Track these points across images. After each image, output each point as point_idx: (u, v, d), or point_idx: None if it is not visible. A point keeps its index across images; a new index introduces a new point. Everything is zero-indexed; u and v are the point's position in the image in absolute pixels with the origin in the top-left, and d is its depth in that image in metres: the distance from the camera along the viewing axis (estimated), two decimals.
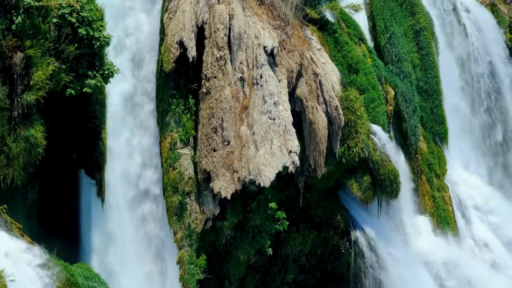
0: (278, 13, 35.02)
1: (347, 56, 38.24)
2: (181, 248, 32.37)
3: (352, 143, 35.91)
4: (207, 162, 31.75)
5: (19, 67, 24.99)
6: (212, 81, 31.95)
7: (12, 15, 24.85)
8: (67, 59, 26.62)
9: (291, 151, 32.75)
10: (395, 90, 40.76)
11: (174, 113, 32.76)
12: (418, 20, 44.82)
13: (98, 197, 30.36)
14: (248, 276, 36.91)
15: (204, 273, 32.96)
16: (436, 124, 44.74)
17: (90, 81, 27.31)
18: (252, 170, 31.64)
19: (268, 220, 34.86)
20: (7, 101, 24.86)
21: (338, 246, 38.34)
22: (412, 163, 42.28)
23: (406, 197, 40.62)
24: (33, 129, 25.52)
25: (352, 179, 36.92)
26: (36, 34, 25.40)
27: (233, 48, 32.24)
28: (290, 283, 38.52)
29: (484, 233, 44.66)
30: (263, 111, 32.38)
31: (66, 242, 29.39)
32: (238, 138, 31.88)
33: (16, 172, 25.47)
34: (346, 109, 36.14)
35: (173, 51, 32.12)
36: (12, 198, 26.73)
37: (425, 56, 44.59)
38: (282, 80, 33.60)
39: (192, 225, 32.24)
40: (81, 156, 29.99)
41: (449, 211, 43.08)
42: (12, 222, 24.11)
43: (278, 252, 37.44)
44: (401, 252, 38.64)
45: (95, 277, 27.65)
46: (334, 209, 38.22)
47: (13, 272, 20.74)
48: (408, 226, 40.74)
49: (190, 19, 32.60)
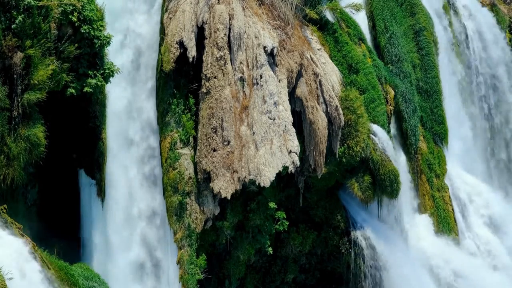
0: (278, 13, 35.02)
1: (347, 56, 38.26)
2: (181, 248, 32.36)
3: (352, 143, 35.91)
4: (207, 162, 31.75)
5: (19, 67, 24.96)
6: (212, 81, 31.95)
7: (12, 14, 24.84)
8: (67, 59, 26.62)
9: (291, 151, 32.75)
10: (395, 90, 40.79)
11: (174, 113, 32.75)
12: (418, 20, 44.87)
13: (98, 197, 30.36)
14: (248, 276, 36.91)
15: (204, 273, 32.95)
16: (436, 124, 44.76)
17: (90, 80, 27.33)
18: (252, 170, 31.64)
19: (268, 220, 34.87)
20: (7, 101, 24.83)
21: (338, 246, 38.34)
22: (412, 163, 42.31)
23: (406, 197, 40.65)
24: (33, 129, 25.51)
25: (352, 179, 36.92)
26: (36, 33, 25.38)
27: (233, 48, 32.24)
28: (290, 283, 38.51)
29: (484, 233, 44.68)
30: (263, 111, 32.38)
31: (66, 242, 29.37)
32: (238, 138, 31.88)
33: (16, 172, 25.44)
34: (346, 109, 36.14)
35: (173, 51, 32.12)
36: (12, 198, 26.72)
37: (425, 56, 44.63)
38: (282, 80, 33.60)
39: (192, 225, 32.24)
40: (81, 156, 29.99)
41: (449, 211, 43.10)
42: (12, 222, 24.07)
43: (278, 252, 37.44)
44: (401, 252, 38.64)
45: (95, 277, 27.65)
46: (334, 209, 38.22)
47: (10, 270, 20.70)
48: (408, 226, 40.75)
49: (190, 19, 32.60)
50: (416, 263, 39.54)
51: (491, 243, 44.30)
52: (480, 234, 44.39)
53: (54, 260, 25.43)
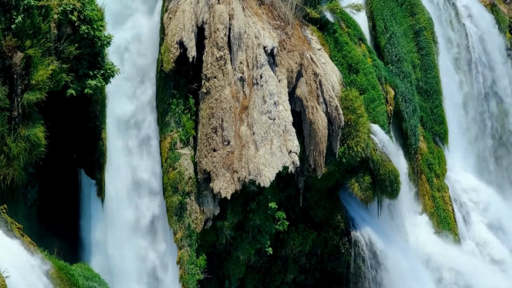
0: (278, 13, 35.02)
1: (347, 56, 38.25)
2: (181, 248, 32.36)
3: (352, 143, 35.90)
4: (207, 162, 31.75)
5: (19, 67, 24.95)
6: (212, 81, 31.94)
7: (12, 14, 24.83)
8: (67, 59, 26.60)
9: (291, 151, 32.74)
10: (395, 90, 40.78)
11: (174, 113, 32.75)
12: (418, 20, 44.87)
13: (98, 197, 30.35)
14: (248, 276, 36.90)
15: (204, 273, 32.94)
16: (436, 124, 44.76)
17: (90, 81, 27.29)
18: (252, 170, 31.63)
19: (268, 220, 34.86)
20: (7, 101, 24.82)
21: (338, 246, 38.33)
22: (412, 163, 42.31)
23: (406, 197, 40.64)
24: (33, 129, 25.50)
25: (352, 179, 36.91)
26: (36, 34, 25.37)
27: (233, 48, 32.24)
28: (290, 283, 38.50)
29: (484, 232, 44.70)
30: (263, 111, 32.38)
31: (66, 242, 29.37)
32: (238, 138, 31.88)
33: (16, 172, 25.44)
34: (346, 109, 36.13)
35: (173, 51, 32.11)
36: (12, 198, 26.71)
37: (425, 56, 44.63)
38: (282, 80, 33.60)
39: (192, 225, 32.24)
40: (81, 156, 29.96)
41: (449, 211, 43.10)
42: (12, 222, 24.06)
43: (278, 252, 37.43)
44: (401, 251, 38.63)
45: (95, 277, 27.64)
46: (334, 209, 38.21)
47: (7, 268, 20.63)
48: (408, 225, 40.74)
49: (190, 19, 32.59)
50: (416, 263, 39.53)
51: (491, 242, 44.32)
52: (480, 234, 44.41)
53: (54, 260, 25.41)
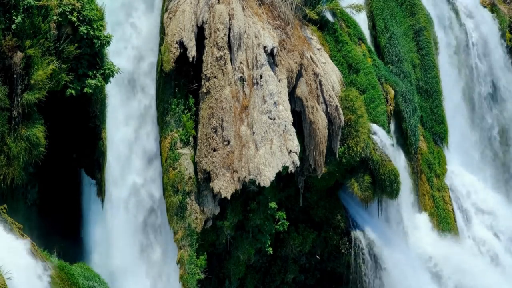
0: (278, 13, 35.02)
1: (347, 56, 38.25)
2: (181, 248, 32.36)
3: (352, 143, 35.90)
4: (207, 162, 31.76)
5: (19, 67, 24.96)
6: (212, 81, 31.95)
7: (12, 14, 24.83)
8: (67, 59, 26.60)
9: (291, 151, 32.75)
10: (395, 90, 40.75)
11: (174, 113, 32.75)
12: (418, 20, 44.85)
13: (98, 196, 30.35)
14: (248, 276, 36.91)
15: (204, 273, 32.95)
16: (436, 124, 44.75)
17: (90, 81, 27.29)
18: (252, 170, 31.64)
19: (268, 220, 34.87)
20: (7, 101, 24.83)
21: (338, 246, 38.34)
22: (412, 163, 42.30)
23: (406, 196, 40.64)
24: (33, 129, 25.51)
25: (352, 179, 36.91)
26: (36, 33, 25.37)
27: (233, 48, 32.24)
28: (290, 283, 38.51)
29: (483, 232, 44.70)
30: (263, 111, 32.38)
31: (66, 242, 29.36)
32: (238, 138, 31.88)
33: (16, 172, 25.45)
34: (346, 108, 36.13)
35: (173, 51, 32.12)
36: (12, 198, 26.72)
37: (425, 56, 44.62)
38: (282, 80, 33.60)
39: (192, 225, 32.24)
40: (81, 155, 29.96)
41: (449, 210, 43.11)
42: (12, 222, 24.08)
43: (278, 252, 37.44)
44: (401, 251, 38.65)
45: (95, 277, 27.64)
46: (334, 209, 38.22)
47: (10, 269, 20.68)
48: (407, 225, 40.75)
49: (190, 19, 32.60)
50: (416, 263, 39.54)
51: (490, 242, 44.31)
52: (480, 234, 44.41)
53: (54, 260, 25.42)
